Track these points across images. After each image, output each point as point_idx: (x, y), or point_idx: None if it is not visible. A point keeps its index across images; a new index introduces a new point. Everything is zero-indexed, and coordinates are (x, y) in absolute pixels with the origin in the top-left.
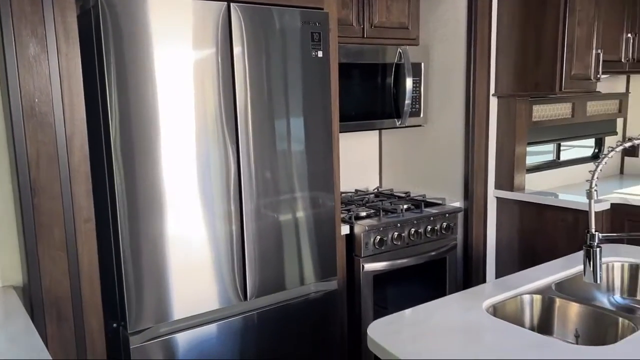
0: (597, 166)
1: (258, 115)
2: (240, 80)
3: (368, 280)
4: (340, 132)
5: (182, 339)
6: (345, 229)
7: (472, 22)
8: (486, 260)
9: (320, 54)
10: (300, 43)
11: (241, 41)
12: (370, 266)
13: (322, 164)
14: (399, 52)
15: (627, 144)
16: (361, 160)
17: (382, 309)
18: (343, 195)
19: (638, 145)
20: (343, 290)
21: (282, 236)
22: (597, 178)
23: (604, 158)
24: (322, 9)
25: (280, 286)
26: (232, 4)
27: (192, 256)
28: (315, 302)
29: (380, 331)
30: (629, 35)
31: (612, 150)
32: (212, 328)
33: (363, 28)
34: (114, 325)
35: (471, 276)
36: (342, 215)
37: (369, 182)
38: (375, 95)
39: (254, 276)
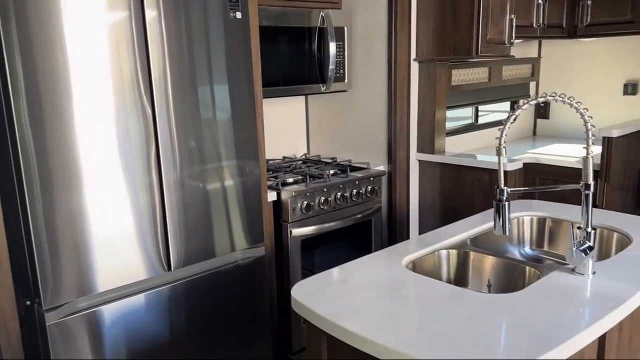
0: (505, 124)
1: (178, 82)
2: (157, 44)
3: (296, 245)
4: (265, 97)
5: (106, 311)
6: (272, 196)
7: None
8: (409, 221)
9: (239, 15)
10: (219, 5)
11: (156, 3)
12: (298, 231)
13: (247, 131)
14: (322, 16)
15: (532, 102)
16: (289, 126)
17: (311, 273)
18: (271, 162)
19: (546, 105)
20: (271, 256)
21: (209, 205)
22: (506, 135)
23: (511, 116)
24: None
25: (208, 255)
26: None
27: (113, 227)
28: (243, 269)
29: (304, 292)
30: (540, 1)
31: (519, 109)
32: (137, 299)
33: None
34: (28, 302)
35: (395, 236)
36: (270, 182)
37: (297, 149)
38: (299, 60)
39: (179, 246)
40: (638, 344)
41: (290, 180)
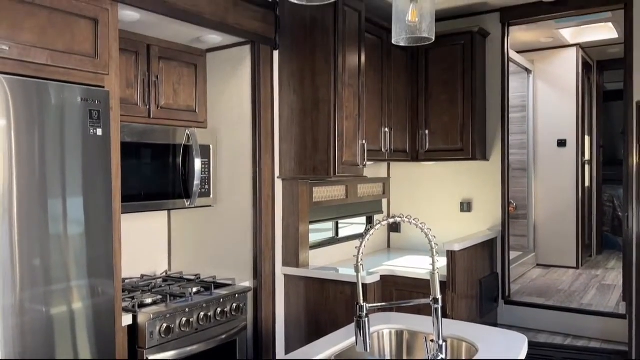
0: (361, 243)
1: (26, 195)
2: (3, 155)
3: None
4: (125, 212)
5: None
6: (127, 319)
7: (256, 112)
8: (276, 338)
9: (99, 132)
10: (78, 120)
11: (7, 114)
12: (156, 358)
13: (102, 248)
14: (187, 134)
15: (384, 223)
16: (149, 242)
17: None
18: (127, 281)
19: (399, 222)
20: None
21: (52, 332)
22: (363, 253)
23: (367, 235)
24: (102, 87)
25: None
26: None
27: None
28: None
29: None
30: (386, 129)
31: (371, 228)
32: None
33: (149, 108)
34: None
35: (261, 355)
36: (125, 304)
37: (158, 266)
38: (163, 175)
39: None
40: None
41: (149, 300)
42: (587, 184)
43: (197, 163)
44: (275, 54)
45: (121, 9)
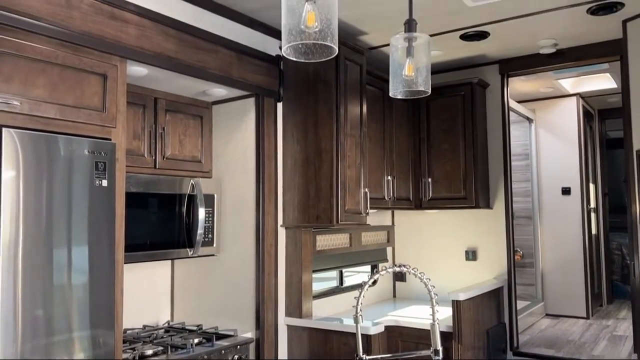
0: (360, 293)
1: (31, 245)
2: (11, 206)
3: None
4: (129, 262)
5: None
6: None
7: (260, 162)
8: None
9: (105, 183)
10: (85, 172)
11: (16, 166)
12: None
13: (104, 298)
14: (192, 184)
15: (382, 272)
16: (151, 292)
17: None
18: (129, 332)
19: (397, 271)
20: None
21: None
22: (362, 303)
23: (365, 286)
24: (109, 139)
25: None
26: (5, 129)
27: None
28: None
29: None
30: (389, 177)
31: (369, 279)
32: None
33: (155, 159)
34: None
35: None
36: (125, 355)
37: (160, 316)
38: (167, 225)
39: None
40: None
41: (150, 352)
42: (593, 231)
43: (201, 212)
44: (279, 105)
45: (129, 65)
